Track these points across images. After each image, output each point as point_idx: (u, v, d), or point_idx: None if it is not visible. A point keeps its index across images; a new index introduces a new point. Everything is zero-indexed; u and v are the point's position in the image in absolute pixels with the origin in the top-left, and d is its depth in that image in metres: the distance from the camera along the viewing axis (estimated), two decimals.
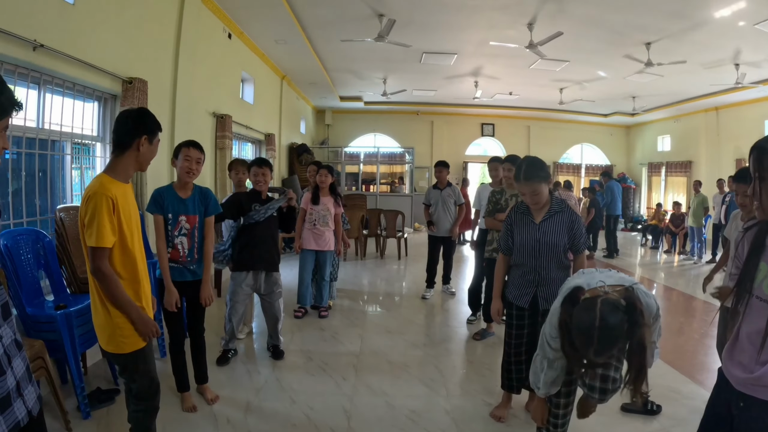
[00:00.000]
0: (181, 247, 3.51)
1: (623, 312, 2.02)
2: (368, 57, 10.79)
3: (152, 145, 2.59)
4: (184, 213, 3.50)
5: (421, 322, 6.07)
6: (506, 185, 5.10)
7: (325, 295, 6.17)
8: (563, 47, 9.21)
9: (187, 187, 3.54)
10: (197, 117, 7.09)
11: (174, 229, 3.48)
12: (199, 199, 3.58)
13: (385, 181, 17.48)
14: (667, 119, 16.79)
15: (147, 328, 2.54)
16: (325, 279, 6.13)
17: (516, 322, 3.52)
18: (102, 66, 4.85)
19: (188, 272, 3.56)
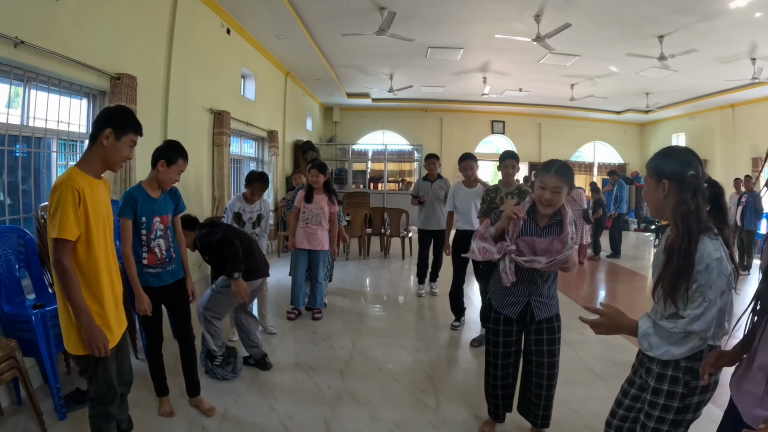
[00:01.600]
0: (159, 250, 3.34)
1: None
2: (373, 52, 10.62)
3: (119, 143, 2.44)
4: (158, 214, 3.33)
5: (418, 326, 5.87)
6: (503, 183, 4.89)
7: (319, 297, 5.99)
8: (573, 41, 9.01)
9: (158, 189, 3.38)
10: (192, 113, 6.94)
11: (150, 233, 3.30)
12: (168, 197, 3.44)
13: (393, 179, 17.26)
14: (681, 117, 16.43)
15: (93, 340, 2.36)
16: (319, 280, 5.95)
17: (503, 338, 3.15)
18: (88, 62, 4.71)
19: (167, 275, 3.41)
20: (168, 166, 3.30)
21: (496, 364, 3.20)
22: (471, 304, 6.22)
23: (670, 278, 1.92)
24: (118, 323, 2.61)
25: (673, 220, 2.00)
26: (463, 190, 5.81)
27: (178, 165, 3.35)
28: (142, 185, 3.33)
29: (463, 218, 5.74)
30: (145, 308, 3.21)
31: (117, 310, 2.60)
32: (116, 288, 2.60)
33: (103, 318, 2.46)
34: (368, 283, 8.18)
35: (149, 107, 5.85)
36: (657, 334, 1.96)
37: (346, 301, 6.88)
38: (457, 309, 5.80)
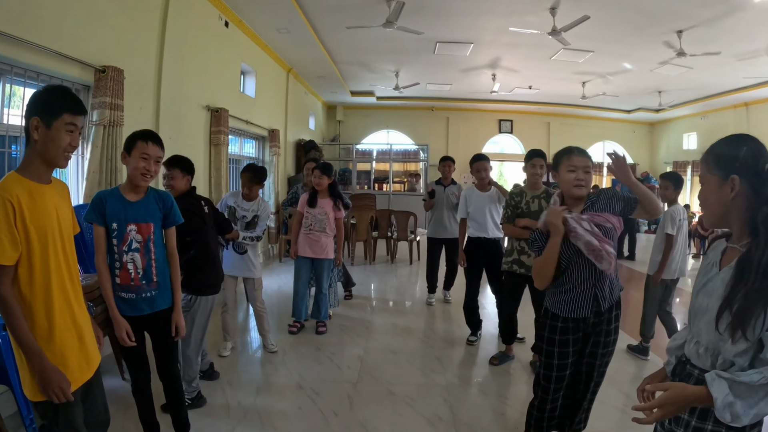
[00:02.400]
0: (132, 268, 2.76)
1: None
2: (378, 48, 10.17)
3: (52, 131, 1.92)
4: (134, 220, 2.76)
5: (431, 341, 5.39)
6: (529, 185, 4.42)
7: (323, 309, 5.53)
8: (587, 36, 8.57)
9: (137, 190, 2.82)
10: (187, 111, 6.50)
11: (122, 243, 2.72)
12: (154, 203, 2.85)
13: (398, 180, 16.80)
14: (693, 116, 15.97)
15: (48, 384, 1.90)
16: (323, 291, 5.50)
17: (559, 348, 2.71)
18: (69, 53, 4.29)
19: (144, 303, 2.81)
20: (129, 155, 2.74)
21: (550, 376, 2.75)
22: (487, 316, 5.75)
23: (744, 302, 1.46)
24: (86, 360, 2.14)
25: (749, 226, 1.56)
26: (476, 195, 5.34)
27: (139, 148, 2.73)
28: (119, 187, 2.83)
29: (476, 225, 5.27)
30: (122, 336, 2.71)
31: (81, 344, 2.11)
32: (79, 318, 2.10)
33: (59, 357, 1.99)
34: (375, 291, 7.72)
35: (139, 104, 5.42)
36: (739, 397, 1.44)
37: (351, 310, 6.42)
38: (472, 322, 5.35)
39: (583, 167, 2.63)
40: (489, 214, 5.22)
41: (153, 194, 2.88)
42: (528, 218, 4.21)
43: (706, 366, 1.61)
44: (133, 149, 2.74)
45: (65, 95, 2.00)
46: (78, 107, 2.02)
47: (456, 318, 5.98)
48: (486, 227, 5.20)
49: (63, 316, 2.02)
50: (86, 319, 2.19)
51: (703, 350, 1.62)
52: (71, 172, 4.88)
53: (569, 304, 2.68)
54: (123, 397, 2.86)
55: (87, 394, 2.21)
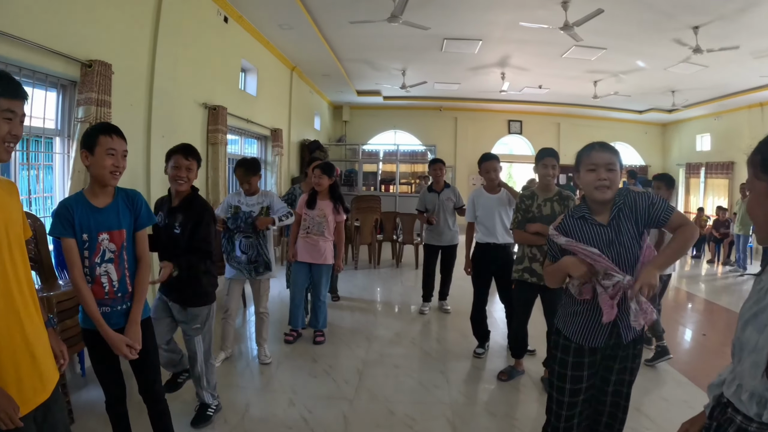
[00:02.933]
0: (106, 281, 2.49)
1: None
2: (384, 45, 9.86)
3: None
4: (106, 228, 2.48)
5: (435, 353, 5.07)
6: (540, 187, 4.10)
7: (321, 318, 5.23)
8: (600, 32, 8.24)
9: (105, 192, 2.52)
10: (182, 108, 6.22)
11: (94, 255, 2.45)
12: (123, 205, 2.57)
13: (405, 181, 16.49)
14: (706, 116, 15.52)
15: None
16: (321, 299, 5.20)
17: (572, 371, 2.38)
18: (53, 46, 4.03)
19: (120, 316, 2.54)
20: (92, 154, 2.43)
21: (562, 401, 2.41)
22: (495, 326, 5.44)
23: None
24: (39, 380, 1.84)
25: None
26: (484, 197, 5.01)
27: (102, 144, 2.43)
28: (83, 192, 2.52)
29: (485, 230, 4.94)
30: (125, 352, 2.47)
31: (33, 362, 1.81)
32: (30, 332, 1.81)
33: (3, 377, 1.70)
34: (378, 297, 7.41)
35: (129, 100, 5.15)
36: None
37: (353, 318, 6.12)
38: (480, 334, 5.04)
39: (605, 164, 2.28)
40: (498, 218, 4.89)
41: (121, 196, 2.59)
42: (539, 223, 3.89)
43: (751, 413, 1.31)
44: (95, 146, 2.44)
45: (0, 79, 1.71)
46: (13, 90, 1.73)
47: (462, 328, 5.65)
48: (495, 232, 4.88)
49: (9, 330, 1.73)
50: (39, 333, 1.89)
51: (747, 397, 1.33)
52: (56, 172, 4.62)
53: (581, 329, 2.34)
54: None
55: (45, 416, 1.91)
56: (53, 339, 2.05)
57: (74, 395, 3.65)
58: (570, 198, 3.94)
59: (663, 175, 5.14)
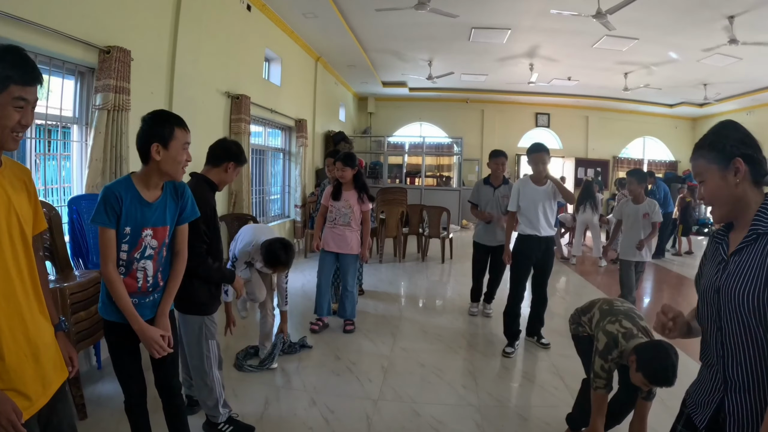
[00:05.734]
0: (142, 276, 2.35)
1: None
2: (410, 34, 9.64)
3: None
4: (152, 224, 2.33)
5: (463, 351, 4.85)
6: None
7: (349, 307, 5.14)
8: (632, 22, 7.99)
9: (158, 186, 2.38)
10: (205, 96, 6.10)
11: (134, 250, 2.30)
12: (171, 200, 2.42)
13: (431, 174, 16.27)
14: (738, 111, 14.92)
15: None
16: (349, 289, 5.10)
17: None
18: (70, 32, 3.91)
19: (147, 307, 2.39)
20: (166, 148, 2.28)
21: None
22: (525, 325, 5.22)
23: None
24: (41, 384, 1.71)
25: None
26: (530, 188, 4.77)
27: (178, 139, 2.31)
28: (132, 179, 2.33)
29: (527, 222, 4.73)
30: (157, 344, 2.34)
31: (37, 365, 1.67)
32: (34, 334, 1.67)
33: (6, 382, 1.57)
34: (403, 291, 7.20)
35: (150, 87, 5.03)
36: None
37: (377, 312, 5.93)
38: (511, 332, 4.84)
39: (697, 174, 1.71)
40: (542, 211, 4.70)
41: (170, 189, 2.43)
42: None
43: None
44: (171, 140, 2.30)
45: (14, 62, 1.54)
46: (28, 76, 1.56)
47: (491, 326, 5.46)
48: (538, 225, 4.69)
49: (13, 333, 1.60)
50: (45, 335, 1.76)
51: None
52: (74, 161, 4.51)
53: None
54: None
55: (49, 417, 1.78)
56: (63, 343, 1.94)
57: (88, 389, 3.53)
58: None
59: (634, 170, 5.63)
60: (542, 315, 4.98)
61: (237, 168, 3.18)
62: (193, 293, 2.91)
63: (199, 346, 2.98)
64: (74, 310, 3.24)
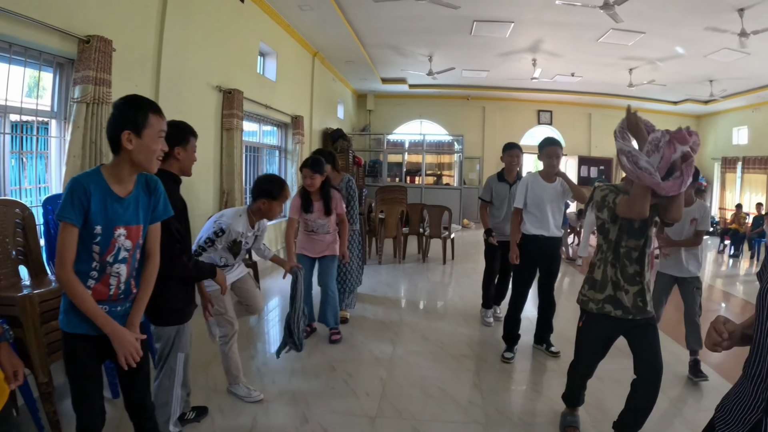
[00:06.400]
0: (115, 282, 2.07)
1: None
2: (410, 28, 9.35)
3: None
4: (125, 222, 2.06)
5: (467, 360, 4.54)
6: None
7: (331, 313, 4.74)
8: (639, 14, 7.75)
9: (131, 179, 2.10)
10: (194, 91, 5.82)
11: (106, 253, 2.02)
12: (144, 194, 2.15)
13: (431, 172, 16.00)
14: (744, 108, 14.75)
15: None
16: (330, 291, 4.72)
17: None
18: (47, 21, 3.65)
19: (118, 317, 2.10)
20: (139, 136, 2.01)
21: None
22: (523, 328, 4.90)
23: None
24: None
25: None
26: (539, 185, 4.43)
27: (153, 126, 2.06)
28: (101, 171, 2.04)
29: (534, 220, 4.40)
30: (130, 351, 2.07)
31: None
32: None
33: None
34: (403, 294, 6.91)
35: (134, 80, 4.74)
36: None
37: (375, 317, 5.63)
38: (511, 336, 4.56)
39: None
40: (550, 210, 4.39)
41: (141, 183, 2.15)
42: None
43: None
44: (145, 127, 2.04)
45: None
46: None
47: (497, 332, 5.15)
48: (547, 224, 4.37)
49: None
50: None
51: None
52: (52, 157, 4.24)
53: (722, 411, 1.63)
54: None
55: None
56: (5, 356, 1.66)
57: (64, 403, 3.22)
58: None
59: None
60: (551, 320, 4.68)
61: (189, 144, 2.80)
62: (169, 299, 2.58)
63: (165, 359, 2.65)
64: (47, 318, 2.94)
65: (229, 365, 3.53)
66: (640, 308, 2.86)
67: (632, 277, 2.86)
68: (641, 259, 2.86)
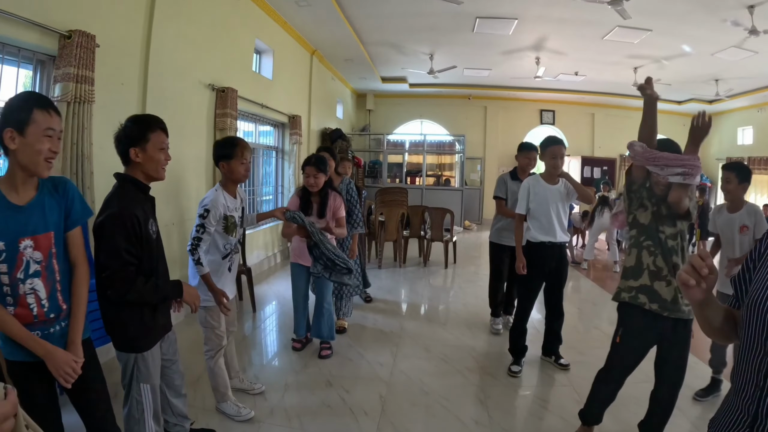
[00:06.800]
0: (34, 300, 1.85)
1: None
2: (411, 25, 9.07)
3: None
4: (30, 233, 1.83)
5: (471, 373, 4.27)
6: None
7: (325, 327, 4.42)
8: (647, 11, 7.52)
9: (28, 184, 1.87)
10: (185, 89, 5.57)
11: (15, 270, 1.80)
12: (50, 199, 1.93)
13: (432, 173, 15.74)
14: (749, 108, 14.51)
15: None
16: (324, 305, 4.40)
17: None
18: (26, 15, 3.43)
19: (54, 340, 1.91)
20: (21, 135, 1.79)
21: None
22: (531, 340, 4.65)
23: None
24: None
25: None
26: (542, 187, 4.16)
27: (38, 123, 1.80)
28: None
29: (539, 226, 4.13)
30: (70, 368, 1.87)
31: None
32: None
33: None
34: (404, 301, 6.65)
35: (120, 78, 4.50)
36: None
37: (375, 326, 5.38)
38: (517, 348, 4.32)
39: None
40: (555, 213, 4.10)
41: (48, 187, 1.92)
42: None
43: None
44: (29, 124, 1.79)
45: None
46: None
47: (503, 343, 4.89)
48: (553, 230, 4.09)
49: None
50: None
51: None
52: None
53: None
54: None
55: None
56: None
57: None
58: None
59: (734, 164, 3.95)
60: (560, 331, 4.43)
61: (149, 143, 2.32)
62: (124, 327, 2.31)
63: (129, 388, 2.37)
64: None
65: (216, 382, 3.30)
66: (681, 309, 2.67)
67: (677, 267, 2.66)
68: (683, 252, 2.72)
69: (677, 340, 2.73)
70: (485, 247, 5.40)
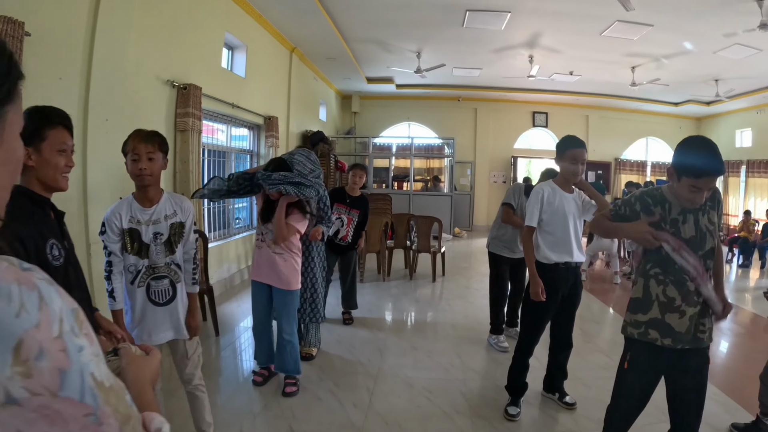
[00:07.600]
0: None
1: None
2: (397, 20, 8.56)
3: None
4: None
5: (461, 415, 3.64)
6: (679, 193, 2.46)
7: (289, 360, 3.80)
8: (649, 5, 7.15)
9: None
10: (138, 85, 4.94)
11: None
12: None
13: (420, 178, 15.22)
14: (748, 109, 14.21)
15: None
16: (285, 336, 3.78)
17: None
18: None
19: None
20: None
21: None
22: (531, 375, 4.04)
23: None
24: None
25: None
26: (559, 195, 3.48)
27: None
28: None
29: (553, 243, 3.46)
30: None
31: None
32: None
33: None
34: (386, 320, 6.05)
35: (57, 73, 3.88)
36: None
37: (352, 353, 4.76)
38: (516, 386, 3.70)
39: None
40: (573, 227, 3.45)
41: None
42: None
43: None
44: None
45: None
46: None
47: (498, 375, 4.29)
48: (570, 247, 3.43)
49: None
50: None
51: None
52: None
53: None
54: None
55: None
56: None
57: None
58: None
59: None
60: (566, 364, 3.82)
61: (45, 142, 1.76)
62: None
63: None
64: None
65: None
66: (698, 337, 2.31)
67: (691, 295, 2.28)
68: None
69: (694, 369, 2.37)
70: (476, 256, 4.87)
